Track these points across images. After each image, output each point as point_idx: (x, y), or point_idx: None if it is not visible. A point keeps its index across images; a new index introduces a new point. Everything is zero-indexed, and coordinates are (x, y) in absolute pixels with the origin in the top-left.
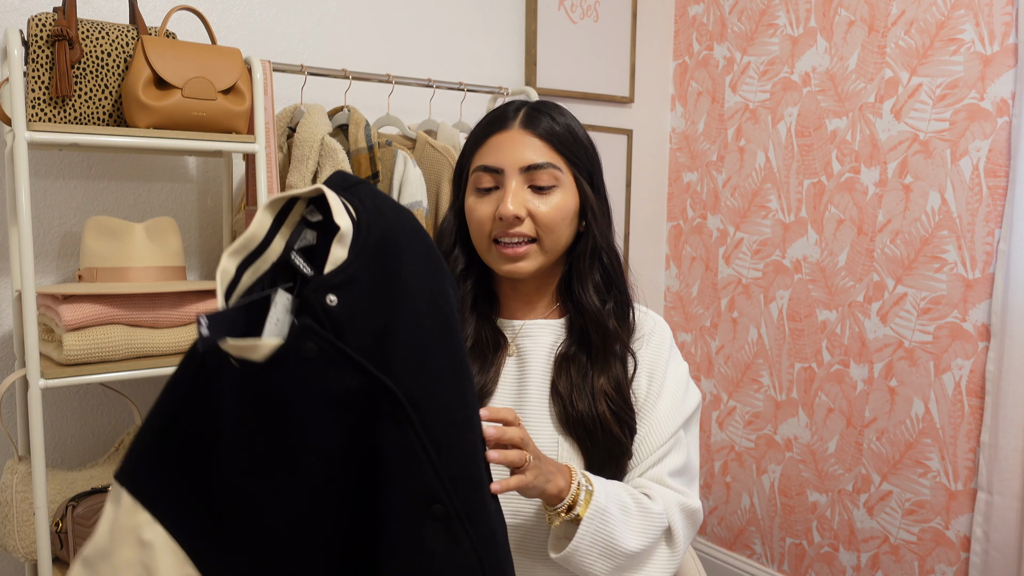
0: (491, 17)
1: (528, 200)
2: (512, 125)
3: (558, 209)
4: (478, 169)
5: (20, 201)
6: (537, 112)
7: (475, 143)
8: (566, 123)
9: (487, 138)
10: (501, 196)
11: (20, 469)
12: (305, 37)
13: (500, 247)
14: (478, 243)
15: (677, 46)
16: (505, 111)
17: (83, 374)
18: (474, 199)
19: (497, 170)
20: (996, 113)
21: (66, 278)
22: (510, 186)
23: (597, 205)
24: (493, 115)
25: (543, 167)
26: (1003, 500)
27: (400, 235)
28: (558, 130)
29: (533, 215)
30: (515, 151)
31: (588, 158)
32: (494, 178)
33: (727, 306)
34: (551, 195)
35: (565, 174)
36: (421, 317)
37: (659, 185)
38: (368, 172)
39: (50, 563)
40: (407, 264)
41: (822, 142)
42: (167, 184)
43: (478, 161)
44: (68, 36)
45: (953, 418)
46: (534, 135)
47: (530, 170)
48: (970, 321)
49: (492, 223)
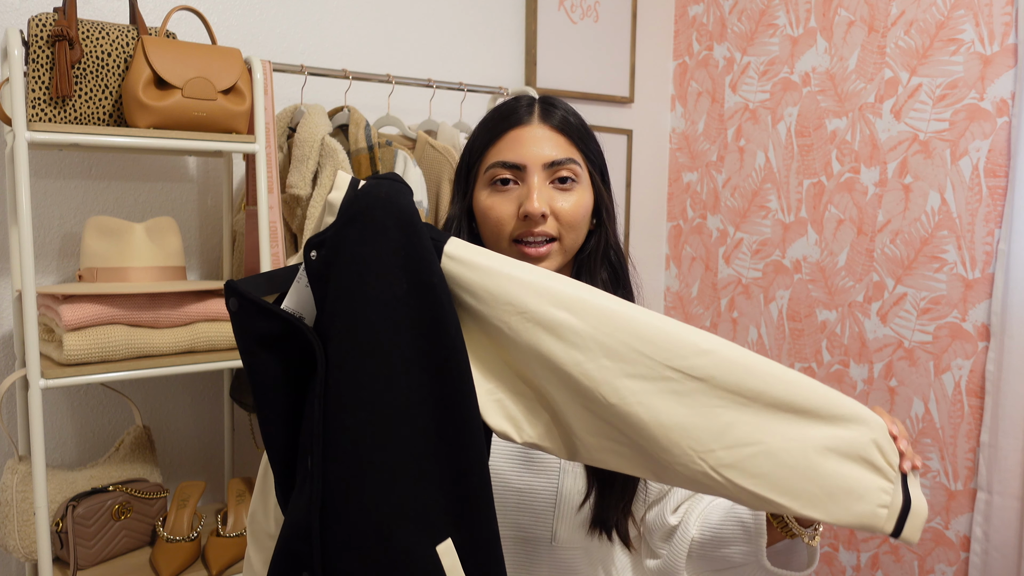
0: (491, 17)
1: (552, 198)
2: (530, 120)
3: (580, 206)
4: (495, 165)
5: (20, 201)
6: (551, 106)
7: (488, 138)
8: (579, 117)
9: (503, 133)
10: (523, 194)
11: (20, 469)
12: (305, 37)
13: (523, 247)
14: (494, 244)
15: (677, 46)
16: (516, 106)
17: (83, 374)
18: (490, 197)
19: (519, 166)
20: (996, 113)
21: (66, 278)
22: (533, 183)
23: (609, 203)
24: (504, 110)
25: (565, 163)
26: (1003, 500)
27: (382, 216)
28: (574, 123)
29: (556, 213)
30: (537, 146)
31: (600, 154)
32: (514, 174)
33: (727, 306)
34: (572, 192)
35: (583, 170)
36: (375, 293)
37: (659, 185)
38: (368, 172)
39: (50, 563)
40: (377, 242)
41: (822, 142)
42: (167, 184)
43: (495, 157)
44: (68, 36)
45: (953, 418)
46: (554, 129)
47: (553, 166)
48: (970, 321)
49: (514, 222)
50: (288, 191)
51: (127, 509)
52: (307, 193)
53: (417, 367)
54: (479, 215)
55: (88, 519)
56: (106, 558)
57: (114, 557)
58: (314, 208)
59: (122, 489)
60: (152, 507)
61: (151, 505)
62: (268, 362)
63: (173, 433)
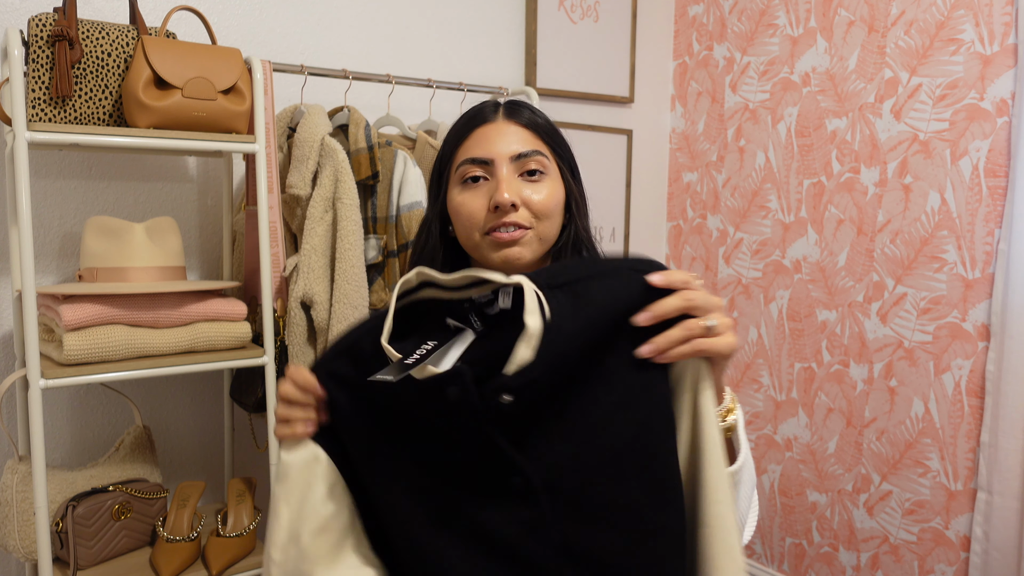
0: (491, 17)
1: (521, 188)
2: (495, 117)
3: (551, 195)
4: (465, 163)
5: (20, 201)
6: (517, 105)
7: (457, 139)
8: (545, 116)
9: (470, 132)
10: (493, 187)
11: (20, 469)
12: (305, 37)
13: (496, 235)
14: (468, 238)
15: (677, 46)
16: (482, 108)
17: (83, 374)
18: (461, 194)
19: (486, 161)
20: (996, 113)
21: (66, 278)
22: (502, 174)
23: (579, 196)
24: (470, 113)
25: (532, 155)
26: (1003, 500)
27: (589, 346)
28: (540, 121)
29: (527, 203)
30: (502, 140)
31: (568, 150)
32: (483, 169)
33: (727, 306)
34: (542, 182)
35: (551, 163)
36: (596, 436)
37: (659, 185)
38: (368, 172)
39: (50, 563)
40: (594, 384)
41: (822, 142)
42: (167, 184)
43: (463, 155)
44: (68, 36)
45: (953, 418)
46: (519, 124)
47: (520, 158)
48: (970, 321)
49: (485, 215)
50: (288, 191)
51: (127, 509)
52: (307, 193)
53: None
54: (452, 213)
55: (88, 519)
56: (106, 558)
57: (114, 557)
58: (314, 208)
59: (122, 489)
60: (152, 507)
61: (151, 505)
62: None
63: (173, 433)
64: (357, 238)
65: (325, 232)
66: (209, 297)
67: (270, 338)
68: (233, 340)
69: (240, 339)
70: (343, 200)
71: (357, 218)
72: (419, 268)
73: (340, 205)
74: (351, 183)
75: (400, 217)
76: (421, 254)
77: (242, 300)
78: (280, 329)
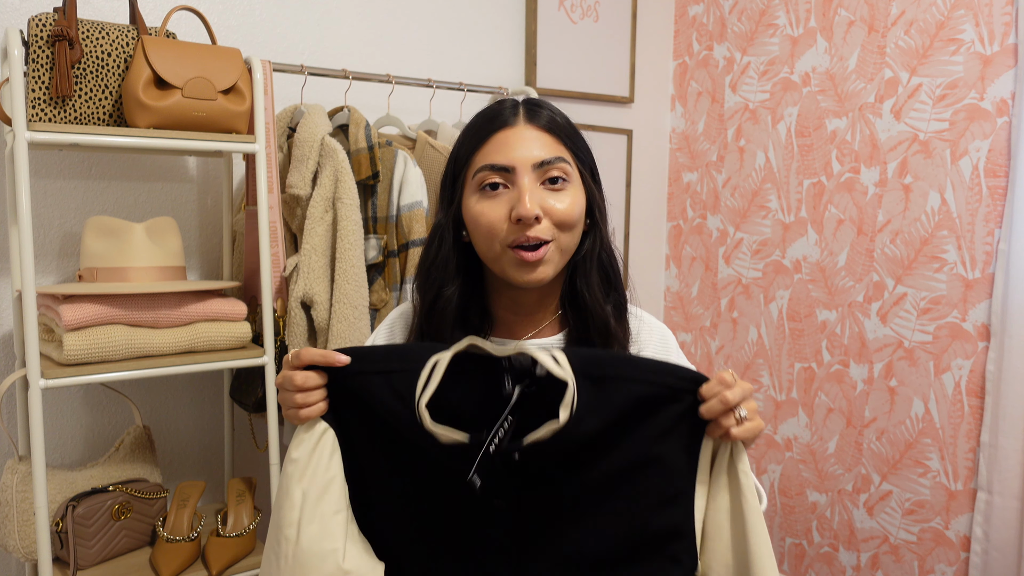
0: (491, 17)
1: (544, 198)
2: (516, 121)
3: (574, 205)
4: (484, 169)
5: (20, 201)
6: (537, 106)
7: (474, 142)
8: (565, 116)
9: (489, 136)
10: (514, 197)
11: (20, 469)
12: (305, 37)
13: (520, 252)
14: (487, 250)
15: (677, 46)
16: (501, 109)
17: (83, 374)
18: (479, 202)
19: (507, 168)
20: (996, 113)
21: (66, 278)
22: (524, 184)
23: (600, 202)
24: (488, 113)
25: (554, 162)
26: (1003, 500)
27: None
28: (561, 122)
29: (549, 214)
30: (524, 147)
31: (589, 152)
32: (503, 177)
33: (727, 306)
34: (565, 191)
35: (573, 169)
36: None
37: (659, 185)
38: (368, 172)
39: (50, 563)
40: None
41: (822, 142)
42: (167, 184)
43: (482, 160)
44: (68, 36)
45: (953, 418)
46: (541, 129)
47: (543, 166)
48: (970, 321)
49: (506, 226)
50: (288, 191)
51: (127, 509)
52: (307, 193)
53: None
54: (469, 222)
55: (88, 519)
56: (106, 558)
57: (114, 557)
58: (314, 208)
59: (122, 489)
60: (152, 507)
61: (151, 505)
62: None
63: (173, 433)
64: (357, 238)
65: (325, 232)
66: (209, 297)
67: (270, 338)
68: (233, 340)
69: (240, 339)
70: (343, 200)
71: (357, 218)
72: (470, 339)
73: (340, 205)
74: (351, 183)
75: (400, 217)
76: (434, 262)
77: (242, 300)
78: (280, 329)
